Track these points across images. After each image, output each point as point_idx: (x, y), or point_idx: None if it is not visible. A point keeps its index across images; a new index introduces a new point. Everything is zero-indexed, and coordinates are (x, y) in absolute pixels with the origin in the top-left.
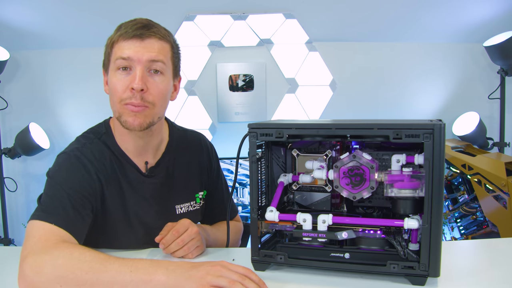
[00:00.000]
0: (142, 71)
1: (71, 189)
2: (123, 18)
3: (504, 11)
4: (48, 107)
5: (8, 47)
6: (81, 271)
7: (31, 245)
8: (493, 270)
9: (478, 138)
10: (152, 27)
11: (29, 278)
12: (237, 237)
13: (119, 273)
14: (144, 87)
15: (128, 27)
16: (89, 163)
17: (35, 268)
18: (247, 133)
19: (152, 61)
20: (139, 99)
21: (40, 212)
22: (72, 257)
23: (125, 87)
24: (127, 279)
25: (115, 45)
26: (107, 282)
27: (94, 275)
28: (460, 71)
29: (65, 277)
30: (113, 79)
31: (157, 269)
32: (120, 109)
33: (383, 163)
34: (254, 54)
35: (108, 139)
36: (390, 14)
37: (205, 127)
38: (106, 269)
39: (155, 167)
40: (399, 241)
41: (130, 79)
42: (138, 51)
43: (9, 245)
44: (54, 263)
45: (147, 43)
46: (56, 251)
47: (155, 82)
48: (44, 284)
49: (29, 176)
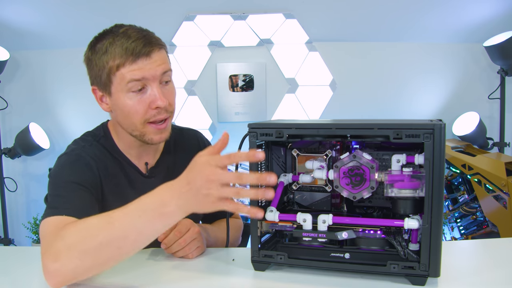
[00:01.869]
0: (159, 87)
1: (74, 183)
2: (123, 18)
3: (504, 11)
4: (48, 107)
5: (8, 47)
6: (91, 238)
7: (46, 241)
8: (493, 270)
9: (478, 138)
10: (149, 38)
11: (51, 269)
12: (237, 234)
13: (128, 224)
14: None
15: (129, 47)
16: (91, 160)
17: (53, 257)
18: (247, 133)
19: (164, 73)
20: (164, 112)
21: (49, 210)
22: (78, 230)
23: (146, 107)
24: (140, 225)
25: (121, 69)
26: (121, 236)
27: (105, 236)
28: (460, 71)
29: (79, 250)
30: (128, 101)
31: (164, 202)
32: (143, 129)
33: (383, 163)
34: (254, 54)
35: (107, 142)
36: (390, 14)
37: (205, 127)
38: (114, 225)
39: (155, 168)
40: (399, 241)
41: (150, 97)
42: (150, 68)
43: (9, 245)
44: (65, 243)
45: (153, 57)
46: (63, 232)
47: (169, 91)
48: (65, 267)
49: (29, 176)
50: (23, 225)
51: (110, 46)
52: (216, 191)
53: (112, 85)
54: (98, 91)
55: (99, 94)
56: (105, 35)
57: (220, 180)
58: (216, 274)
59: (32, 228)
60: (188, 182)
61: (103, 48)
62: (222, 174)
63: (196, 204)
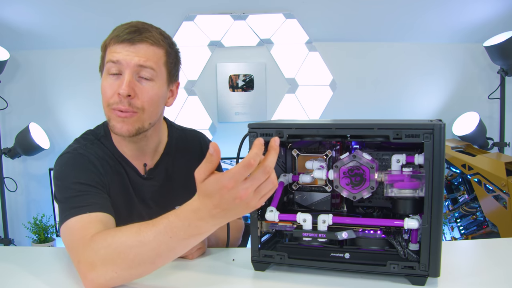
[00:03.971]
0: (130, 76)
1: (83, 184)
2: (123, 18)
3: (504, 11)
4: (48, 107)
5: (8, 47)
6: (124, 254)
7: (77, 247)
8: (493, 270)
9: (478, 138)
10: (145, 31)
11: (89, 278)
12: (238, 235)
13: (160, 243)
14: (132, 93)
15: (120, 31)
16: (95, 159)
17: (89, 266)
18: (247, 133)
19: (141, 66)
20: (127, 104)
21: (69, 212)
22: (109, 245)
23: (113, 92)
24: (173, 244)
25: (108, 48)
26: (154, 254)
27: (137, 254)
28: (460, 71)
29: (114, 264)
30: (103, 82)
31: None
32: (108, 113)
33: (383, 163)
34: (254, 54)
35: (107, 142)
36: (390, 14)
37: (205, 127)
38: (144, 242)
39: (154, 169)
40: (399, 241)
41: (119, 84)
42: (127, 55)
43: (9, 245)
44: (99, 257)
45: (137, 47)
46: (94, 244)
47: (144, 88)
48: (102, 278)
49: (29, 176)
50: (23, 225)
51: (114, 30)
52: (246, 202)
53: (104, 67)
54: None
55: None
56: None
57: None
58: (216, 274)
59: (32, 228)
60: (214, 205)
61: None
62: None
63: (231, 217)
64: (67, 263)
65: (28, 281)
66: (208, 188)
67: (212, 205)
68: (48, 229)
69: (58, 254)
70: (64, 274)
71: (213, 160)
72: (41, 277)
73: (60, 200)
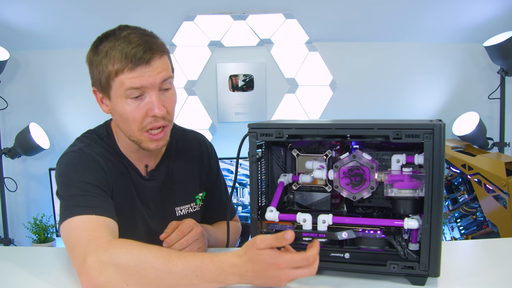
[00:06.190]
0: (157, 95)
1: (88, 184)
2: (123, 18)
3: (504, 11)
4: (48, 107)
5: (8, 47)
6: (145, 272)
7: (84, 245)
8: (493, 270)
9: (478, 138)
10: (151, 44)
11: (95, 279)
12: (236, 237)
13: (184, 276)
14: (164, 109)
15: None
16: (100, 159)
17: (99, 269)
18: (247, 133)
19: (164, 81)
20: (161, 120)
21: (73, 209)
22: (132, 257)
23: (144, 114)
24: (196, 281)
25: (120, 75)
26: (174, 284)
27: (158, 276)
28: (460, 71)
29: (130, 277)
30: (126, 108)
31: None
32: (140, 136)
33: (383, 163)
34: (254, 54)
35: (110, 142)
36: (390, 14)
37: (205, 127)
38: (171, 270)
39: (155, 170)
40: (399, 241)
41: (147, 105)
42: (149, 76)
43: (9, 245)
44: (116, 263)
45: (153, 65)
46: (113, 249)
47: (168, 99)
48: (110, 284)
49: (29, 176)
50: (23, 225)
51: (111, 50)
52: (279, 282)
53: (111, 90)
54: (98, 92)
55: (100, 96)
56: (107, 37)
57: (286, 278)
58: None
59: (32, 228)
60: (254, 271)
61: (104, 51)
62: (289, 274)
63: (256, 284)
64: (67, 263)
65: (28, 280)
66: (262, 257)
67: (252, 270)
68: (48, 229)
69: (58, 254)
70: (64, 274)
71: (282, 243)
72: (41, 277)
73: (63, 197)
